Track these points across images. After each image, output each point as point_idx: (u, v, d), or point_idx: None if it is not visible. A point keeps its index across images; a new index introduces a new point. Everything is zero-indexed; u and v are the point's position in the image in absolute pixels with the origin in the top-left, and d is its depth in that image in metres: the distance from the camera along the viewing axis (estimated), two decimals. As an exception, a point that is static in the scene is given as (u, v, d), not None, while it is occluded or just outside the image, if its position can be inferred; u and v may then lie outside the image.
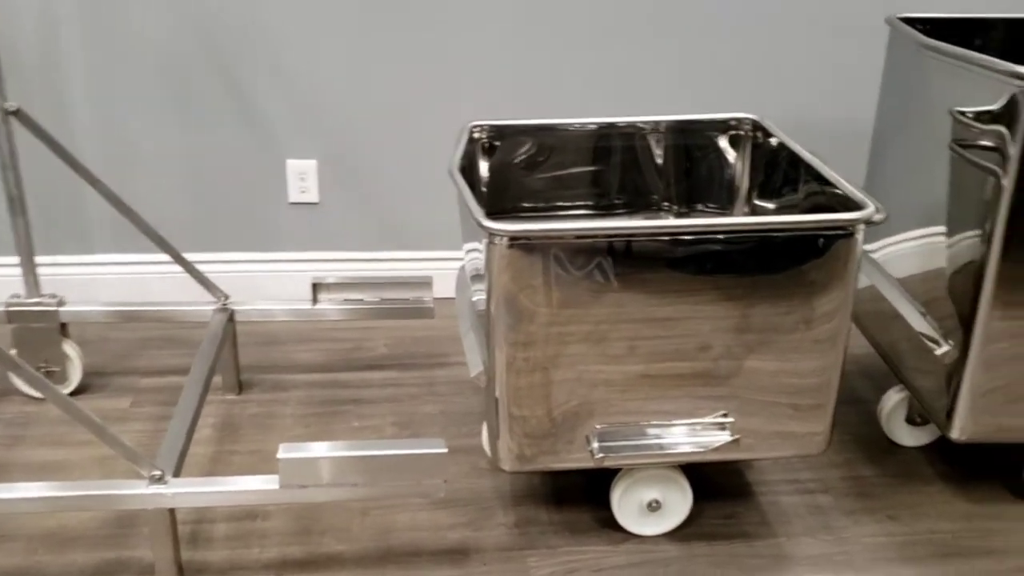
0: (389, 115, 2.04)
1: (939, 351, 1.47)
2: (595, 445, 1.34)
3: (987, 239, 1.36)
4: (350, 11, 1.95)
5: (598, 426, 1.34)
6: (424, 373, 1.92)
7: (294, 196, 2.08)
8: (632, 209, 1.70)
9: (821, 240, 1.26)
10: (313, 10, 1.94)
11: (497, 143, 1.63)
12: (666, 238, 1.24)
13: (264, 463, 1.63)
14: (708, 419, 1.35)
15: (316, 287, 1.81)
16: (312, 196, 2.08)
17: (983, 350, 1.40)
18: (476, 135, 1.62)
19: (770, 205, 1.60)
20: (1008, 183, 1.32)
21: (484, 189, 1.65)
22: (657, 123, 1.66)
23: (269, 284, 2.13)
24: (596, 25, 2.00)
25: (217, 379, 1.75)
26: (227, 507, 1.51)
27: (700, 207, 1.71)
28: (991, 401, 1.43)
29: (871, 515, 1.52)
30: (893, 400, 1.69)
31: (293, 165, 2.06)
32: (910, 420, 1.69)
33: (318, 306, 1.81)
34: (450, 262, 2.16)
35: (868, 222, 1.26)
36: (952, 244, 1.46)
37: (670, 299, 1.27)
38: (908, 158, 1.61)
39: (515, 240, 1.22)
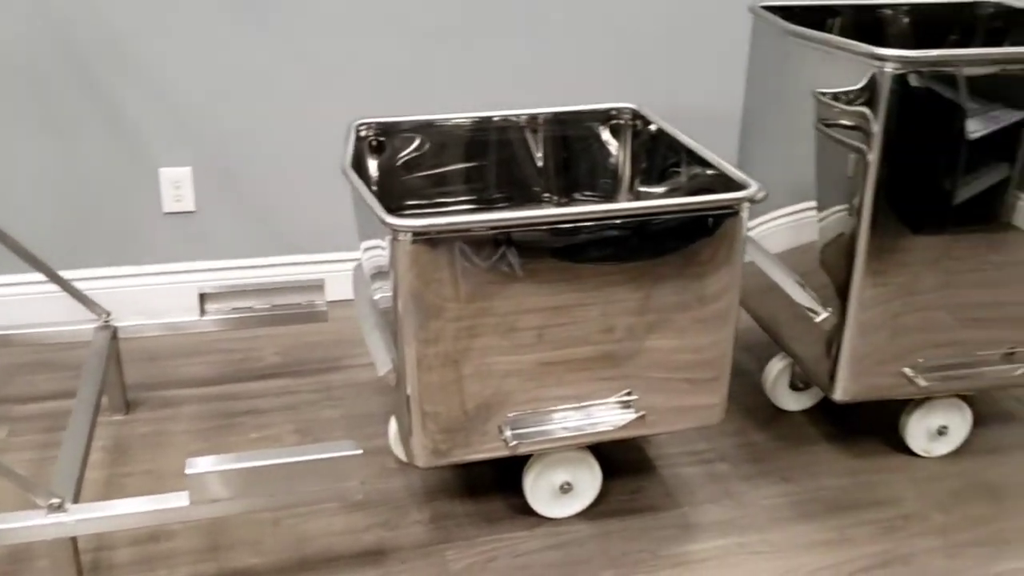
0: (264, 117, 2.00)
1: (818, 319, 1.56)
2: (508, 433, 1.36)
3: (856, 212, 1.46)
4: (216, 14, 1.90)
5: (510, 414, 1.36)
6: (320, 378, 1.89)
7: (169, 206, 2.01)
8: (513, 202, 1.73)
9: (710, 220, 1.32)
10: (178, 13, 1.88)
11: (383, 140, 1.63)
12: (566, 226, 1.27)
13: (161, 482, 1.58)
14: (614, 399, 1.39)
15: (203, 298, 1.76)
16: (188, 205, 2.02)
17: (858, 316, 1.50)
18: (363, 133, 1.61)
19: (655, 190, 1.65)
20: (873, 159, 1.41)
21: (374, 188, 1.64)
22: (536, 116, 1.69)
23: (151, 298, 2.05)
24: (472, 18, 2.02)
25: (102, 400, 1.68)
26: (128, 531, 1.45)
27: (579, 196, 1.75)
28: (868, 362, 1.54)
29: (766, 478, 1.61)
30: (776, 368, 1.78)
31: (167, 173, 1.99)
32: (793, 386, 1.79)
33: (206, 317, 1.76)
34: (342, 263, 2.14)
35: (752, 200, 1.33)
36: (823, 218, 1.55)
37: (573, 286, 1.30)
38: (776, 139, 1.70)
39: (419, 235, 1.22)
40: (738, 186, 1.36)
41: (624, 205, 1.27)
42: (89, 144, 1.93)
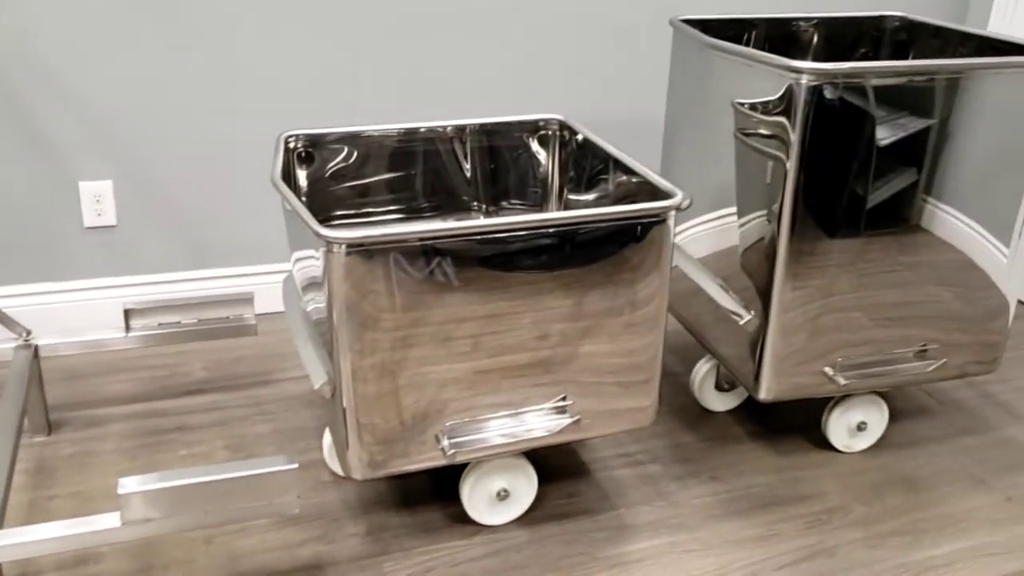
0: (187, 128, 1.97)
1: (742, 322, 1.61)
2: (445, 443, 1.37)
3: (775, 218, 1.51)
4: (137, 26, 1.86)
5: (447, 423, 1.37)
6: (249, 392, 1.87)
7: (90, 220, 1.96)
8: (443, 211, 1.75)
9: (638, 228, 1.35)
10: (98, 25, 1.84)
11: (312, 152, 1.62)
12: (501, 236, 1.29)
13: (89, 504, 1.54)
14: (549, 404, 1.42)
15: (128, 313, 1.72)
16: (109, 219, 1.98)
17: (780, 317, 1.55)
18: (291, 145, 1.61)
19: (583, 198, 1.69)
20: (791, 166, 1.47)
21: (303, 199, 1.64)
22: (464, 127, 1.71)
23: (73, 315, 2.00)
24: (398, 30, 2.03)
25: (23, 421, 1.63)
26: (54, 556, 1.41)
27: (508, 204, 1.77)
28: (790, 362, 1.59)
29: (696, 478, 1.65)
30: (703, 370, 1.83)
31: (87, 187, 1.94)
32: (719, 387, 1.84)
33: (131, 334, 1.73)
34: (272, 275, 2.12)
35: (678, 209, 1.37)
36: (744, 224, 1.60)
37: (507, 294, 1.32)
38: (698, 147, 1.75)
39: (354, 247, 1.23)
40: (664, 195, 1.40)
41: (555, 215, 1.30)
42: (5, 158, 1.88)
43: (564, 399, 1.42)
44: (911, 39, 1.90)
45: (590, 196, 1.66)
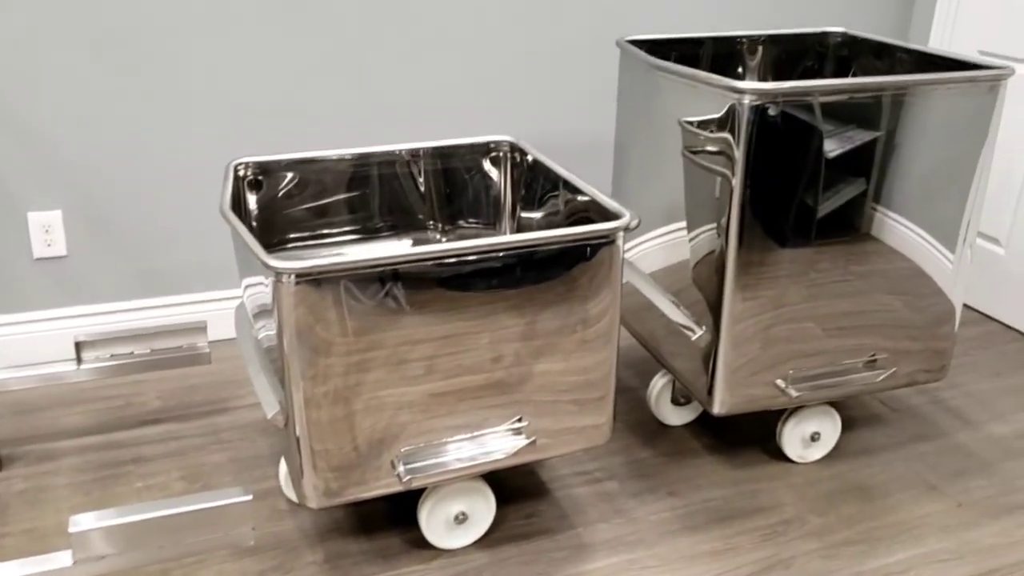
0: (136, 157, 1.95)
1: (694, 336, 1.63)
2: (401, 468, 1.37)
3: (723, 232, 1.53)
4: (86, 55, 1.85)
5: (403, 449, 1.37)
6: (205, 421, 1.86)
7: (39, 251, 1.94)
8: (399, 230, 1.75)
9: (588, 249, 1.36)
10: (40, 53, 1.83)
11: (262, 179, 1.62)
12: (452, 260, 1.29)
13: (42, 542, 1.52)
14: (505, 426, 1.42)
15: (79, 345, 1.70)
16: (59, 249, 1.95)
17: (731, 330, 1.57)
18: (241, 173, 1.60)
19: (535, 216, 1.70)
20: (737, 182, 1.49)
21: (254, 224, 1.63)
22: (418, 150, 1.71)
23: (24, 348, 1.97)
24: (348, 55, 2.03)
25: (-26, 459, 1.61)
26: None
27: (463, 223, 1.78)
28: (742, 375, 1.61)
29: (654, 493, 1.66)
30: (659, 385, 1.85)
31: (35, 218, 1.92)
32: (675, 401, 1.86)
33: (83, 366, 1.71)
34: (225, 302, 2.10)
35: (626, 229, 1.39)
36: (694, 239, 1.62)
37: (461, 316, 1.33)
38: (647, 165, 1.77)
39: (303, 277, 1.23)
40: (613, 215, 1.41)
41: (506, 239, 1.31)
42: (-51, 191, 1.86)
43: (520, 420, 1.43)
44: (853, 54, 1.94)
45: (542, 215, 1.68)
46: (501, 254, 1.31)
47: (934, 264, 1.65)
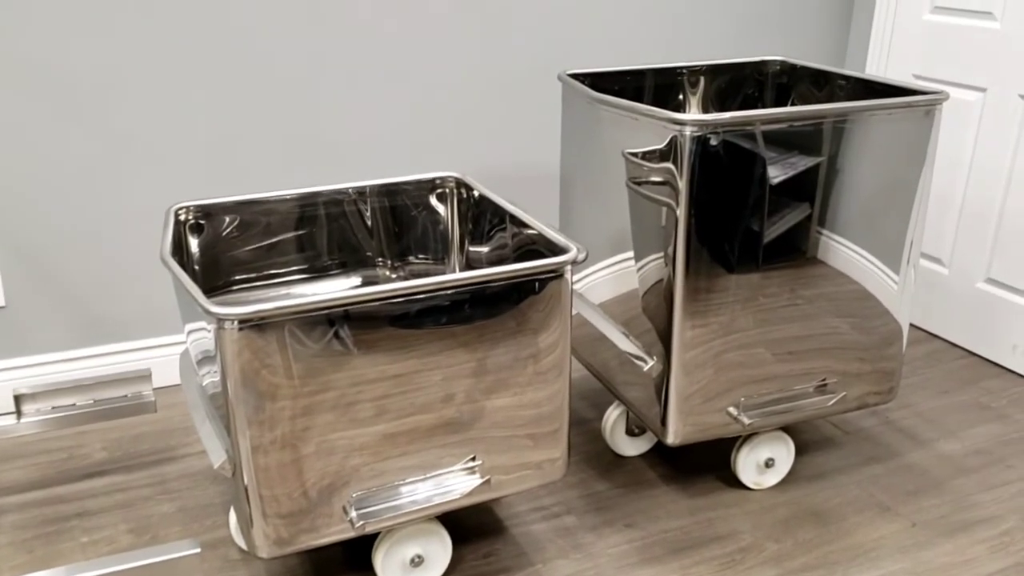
0: (75, 202, 1.92)
1: (646, 367, 1.63)
2: (354, 514, 1.34)
3: (671, 261, 1.54)
4: (14, 97, 1.81)
5: (355, 494, 1.34)
6: (152, 471, 1.81)
7: (-25, 303, 1.89)
8: (348, 268, 1.73)
9: (536, 284, 1.36)
10: (-26, 100, 1.79)
11: (204, 222, 1.60)
12: (399, 299, 1.28)
13: (-18, 604, 1.46)
14: (459, 466, 1.40)
15: (19, 398, 1.65)
16: (-3, 300, 1.91)
17: (681, 358, 1.58)
18: (182, 217, 1.58)
19: (483, 250, 1.69)
20: (681, 212, 1.50)
21: (196, 267, 1.61)
22: (364, 188, 1.70)
23: (-42, 403, 1.91)
24: (289, 92, 2.02)
25: (-91, 521, 1.55)
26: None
27: (413, 259, 1.77)
28: (694, 403, 1.62)
29: (611, 526, 1.65)
30: (613, 416, 1.84)
31: (-30, 269, 1.87)
32: (629, 432, 1.86)
33: (23, 420, 1.66)
34: (170, 348, 2.06)
35: (574, 263, 1.38)
36: (641, 269, 1.63)
37: (409, 355, 1.31)
38: (593, 196, 1.78)
39: (246, 322, 1.20)
40: (560, 249, 1.41)
41: (453, 276, 1.30)
42: None
43: (474, 459, 1.41)
44: (792, 81, 1.98)
45: (490, 249, 1.67)
46: (449, 292, 1.30)
47: (880, 285, 1.67)
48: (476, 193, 1.70)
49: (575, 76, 1.83)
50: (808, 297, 1.63)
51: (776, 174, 1.53)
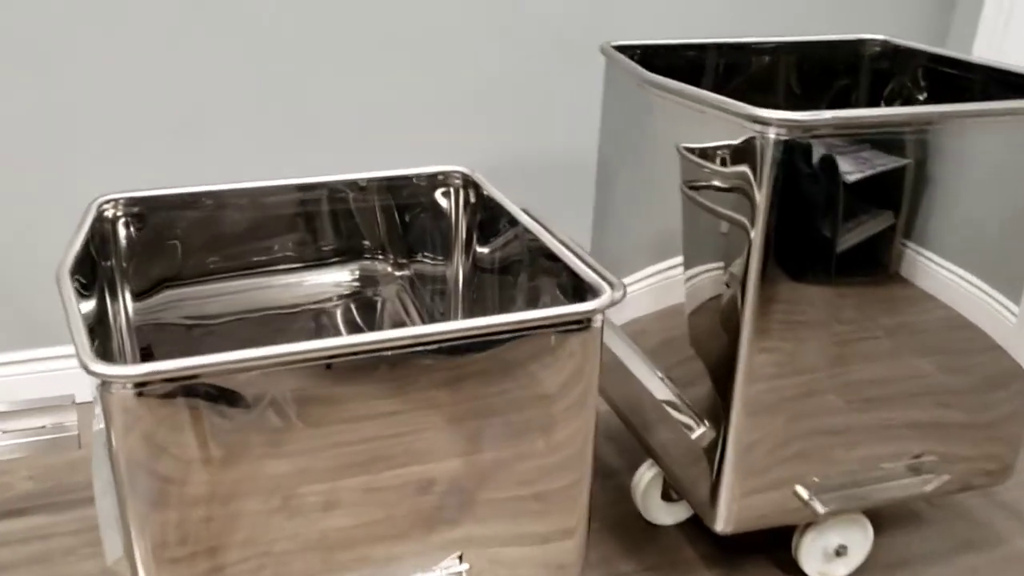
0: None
1: (693, 435, 1.27)
2: (293, 636, 1.00)
3: (738, 291, 1.17)
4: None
5: (294, 610, 1.00)
6: (83, 512, 1.49)
7: None
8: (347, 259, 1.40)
9: (553, 339, 1.00)
10: None
11: (140, 220, 1.26)
12: (366, 355, 0.93)
13: None
14: (441, 570, 1.06)
15: (-94, 428, 1.33)
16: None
17: (743, 423, 1.22)
18: (109, 213, 1.23)
19: (494, 253, 1.34)
20: (758, 231, 1.13)
21: (125, 265, 1.27)
22: (356, 181, 1.36)
23: None
24: (273, 57, 1.66)
25: None
26: None
27: (419, 257, 1.43)
28: (754, 484, 1.26)
29: (639, 628, 1.31)
30: (647, 478, 1.49)
31: None
32: (666, 497, 1.50)
33: (-87, 452, 1.34)
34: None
35: (611, 304, 1.02)
36: (693, 286, 1.26)
37: (378, 431, 0.96)
38: (638, 195, 1.41)
39: (143, 386, 0.86)
40: (590, 287, 1.05)
41: (437, 328, 0.94)
42: None
43: (460, 560, 1.06)
44: (893, 67, 1.58)
45: (502, 252, 1.32)
46: (432, 347, 0.95)
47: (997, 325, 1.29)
48: (485, 193, 1.34)
49: (621, 49, 1.45)
50: (918, 348, 1.25)
51: (876, 185, 1.15)
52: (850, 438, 1.27)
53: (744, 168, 1.13)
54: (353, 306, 1.44)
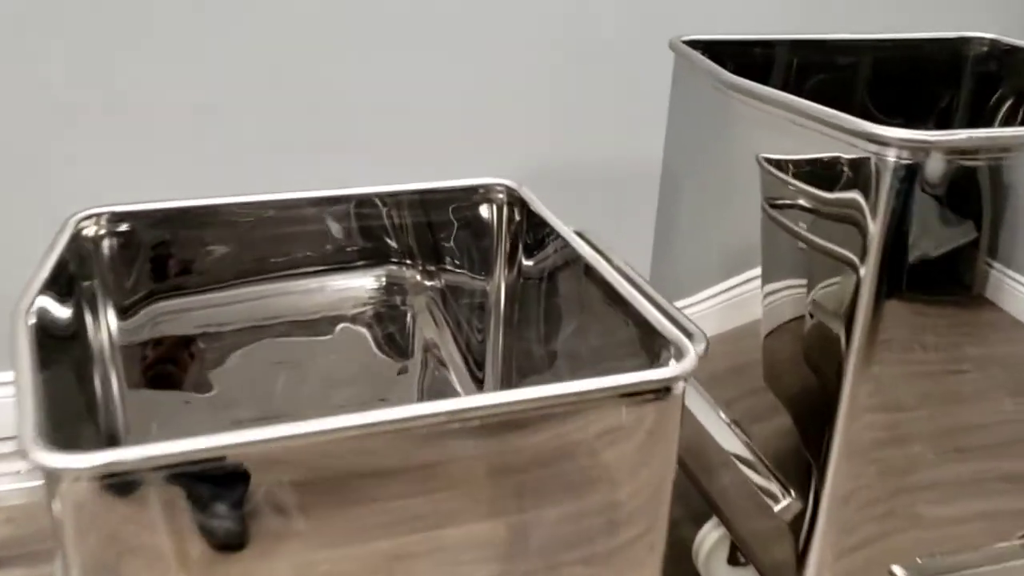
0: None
1: (776, 507, 1.07)
2: None
3: (844, 321, 0.97)
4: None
5: None
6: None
7: None
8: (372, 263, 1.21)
9: (623, 410, 0.80)
10: None
11: (125, 234, 1.07)
12: (384, 434, 0.73)
13: None
14: None
15: None
16: None
17: (838, 492, 1.02)
18: (88, 231, 1.05)
19: (543, 266, 1.15)
20: (868, 269, 0.93)
21: (110, 282, 1.09)
22: (386, 195, 1.17)
23: None
24: (299, 48, 1.47)
25: None
26: None
27: (449, 266, 1.24)
28: (846, 562, 1.06)
29: None
30: (712, 539, 1.29)
31: None
32: (733, 561, 1.31)
33: None
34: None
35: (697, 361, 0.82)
36: (774, 339, 1.06)
37: (393, 528, 0.77)
38: (709, 211, 1.21)
39: (105, 479, 0.67)
40: (666, 340, 0.85)
41: (473, 401, 0.74)
42: None
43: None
44: (1001, 70, 1.36)
45: (544, 281, 1.12)
46: (462, 423, 0.75)
47: None
48: (532, 209, 1.14)
49: (693, 45, 1.24)
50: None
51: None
52: (959, 512, 1.07)
53: (854, 195, 0.92)
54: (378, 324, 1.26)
